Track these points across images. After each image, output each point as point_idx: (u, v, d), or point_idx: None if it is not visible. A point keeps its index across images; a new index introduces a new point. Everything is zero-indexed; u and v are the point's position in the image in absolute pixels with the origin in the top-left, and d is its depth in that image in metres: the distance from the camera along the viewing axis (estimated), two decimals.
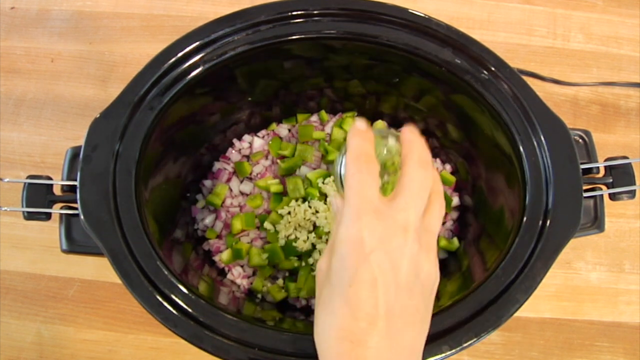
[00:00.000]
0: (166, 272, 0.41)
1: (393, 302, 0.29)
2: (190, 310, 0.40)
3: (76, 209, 0.42)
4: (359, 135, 0.33)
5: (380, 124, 0.61)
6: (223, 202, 0.58)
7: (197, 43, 0.48)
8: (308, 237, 0.56)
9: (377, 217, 0.30)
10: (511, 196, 0.47)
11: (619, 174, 0.46)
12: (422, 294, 0.31)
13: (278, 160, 0.60)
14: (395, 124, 0.61)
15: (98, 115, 0.45)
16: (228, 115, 0.58)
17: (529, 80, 0.48)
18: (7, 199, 0.62)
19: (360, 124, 0.34)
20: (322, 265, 0.32)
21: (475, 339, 0.39)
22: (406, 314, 0.30)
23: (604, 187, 0.46)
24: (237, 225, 0.57)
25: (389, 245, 0.30)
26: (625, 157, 0.47)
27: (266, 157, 0.61)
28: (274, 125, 0.62)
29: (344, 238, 0.30)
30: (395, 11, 0.49)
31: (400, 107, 0.59)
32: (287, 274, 0.56)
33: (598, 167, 0.47)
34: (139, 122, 0.45)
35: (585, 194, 0.44)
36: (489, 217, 0.53)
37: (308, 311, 0.55)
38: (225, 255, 0.56)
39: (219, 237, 0.58)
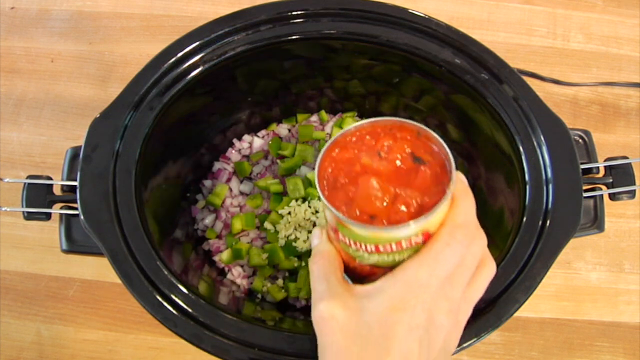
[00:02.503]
0: (166, 272, 0.41)
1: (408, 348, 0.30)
2: (190, 310, 0.40)
3: (76, 209, 0.42)
4: None
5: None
6: (223, 202, 0.58)
7: (197, 43, 0.48)
8: (308, 237, 0.56)
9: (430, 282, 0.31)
10: (511, 196, 0.47)
11: (619, 174, 0.46)
12: (438, 346, 0.31)
13: (278, 160, 0.60)
14: None
15: (98, 115, 0.45)
16: (228, 115, 0.58)
17: (529, 80, 0.48)
18: (7, 199, 0.62)
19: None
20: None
21: (475, 339, 0.39)
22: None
23: (604, 187, 0.46)
24: (237, 225, 0.57)
25: (426, 314, 0.31)
26: (625, 157, 0.47)
27: (266, 157, 0.61)
28: (274, 125, 0.62)
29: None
30: (395, 11, 0.49)
31: (400, 107, 0.59)
32: (287, 274, 0.56)
33: (598, 167, 0.47)
34: (139, 122, 0.45)
35: (585, 194, 0.44)
36: (488, 217, 0.53)
37: (308, 311, 0.55)
38: (225, 255, 0.56)
39: (219, 237, 0.58)
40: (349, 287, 0.32)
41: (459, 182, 0.33)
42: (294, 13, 0.49)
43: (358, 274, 0.34)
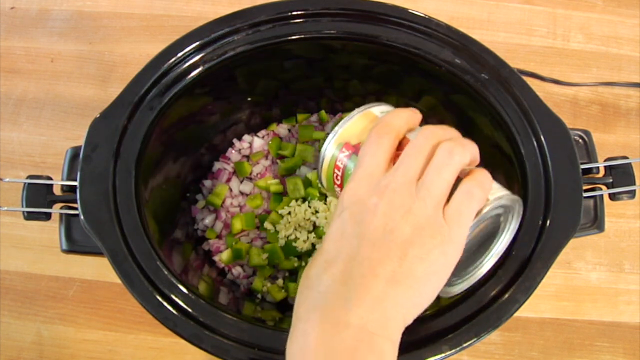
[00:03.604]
0: (166, 272, 0.41)
1: (357, 251, 0.30)
2: (190, 310, 0.40)
3: (76, 209, 0.42)
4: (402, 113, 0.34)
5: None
6: (223, 202, 0.58)
7: (197, 43, 0.48)
8: (308, 237, 0.56)
9: (365, 181, 0.31)
10: None
11: (619, 174, 0.46)
12: (394, 252, 0.30)
13: (278, 160, 0.60)
14: None
15: (98, 115, 0.45)
16: (228, 115, 0.58)
17: (529, 80, 0.48)
18: (7, 199, 0.62)
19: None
20: None
21: (475, 339, 0.39)
22: (369, 264, 0.30)
23: (604, 187, 0.46)
24: (237, 225, 0.57)
25: (363, 204, 0.31)
26: (625, 157, 0.47)
27: (266, 157, 0.61)
28: (274, 125, 0.62)
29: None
30: (395, 11, 0.49)
31: (399, 105, 0.59)
32: (287, 274, 0.56)
33: (598, 167, 0.47)
34: (139, 122, 0.45)
35: (585, 194, 0.44)
36: None
37: None
38: (225, 255, 0.56)
39: (218, 237, 0.58)
40: None
41: (393, 110, 0.35)
42: (294, 13, 0.49)
43: None
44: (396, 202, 0.30)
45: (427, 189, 0.30)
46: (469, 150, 0.32)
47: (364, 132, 0.35)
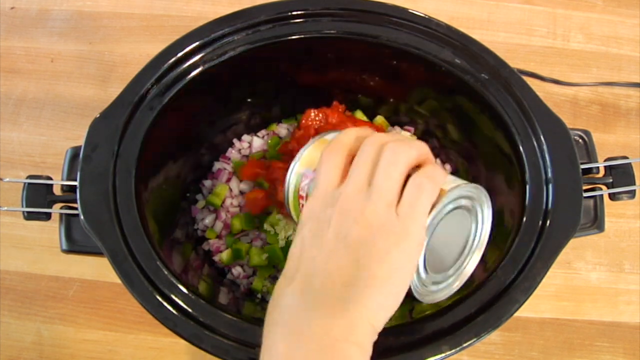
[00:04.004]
0: (166, 272, 0.41)
1: (314, 263, 0.30)
2: (190, 310, 0.40)
3: (76, 209, 0.42)
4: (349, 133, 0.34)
5: (380, 119, 0.61)
6: (223, 202, 0.58)
7: (197, 43, 0.48)
8: None
9: (321, 198, 0.32)
10: (511, 196, 0.47)
11: (619, 174, 0.46)
12: (350, 257, 0.30)
13: None
14: (395, 124, 0.61)
15: (98, 115, 0.45)
16: (228, 115, 0.58)
17: (529, 80, 0.48)
18: (7, 199, 0.62)
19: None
20: None
21: (475, 339, 0.39)
22: (325, 272, 0.30)
23: (604, 187, 0.46)
24: (237, 225, 0.57)
25: (318, 218, 0.31)
26: (625, 157, 0.47)
27: (265, 157, 0.61)
28: (274, 126, 0.62)
29: None
30: (395, 11, 0.49)
31: (400, 107, 0.59)
32: None
33: (598, 167, 0.47)
34: (139, 122, 0.45)
35: (585, 194, 0.44)
36: None
37: None
38: (225, 255, 0.56)
39: (218, 237, 0.58)
40: None
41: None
42: (294, 13, 0.49)
43: None
44: (348, 209, 0.30)
45: (377, 190, 0.30)
46: (415, 148, 0.32)
47: None
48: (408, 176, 0.31)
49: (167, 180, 0.52)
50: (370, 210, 0.30)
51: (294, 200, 0.37)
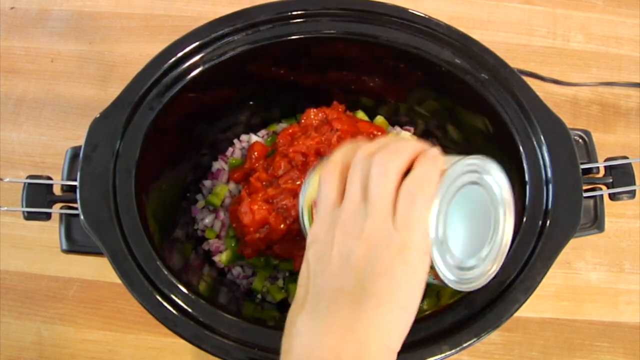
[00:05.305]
0: (166, 272, 0.41)
1: (320, 286, 0.30)
2: (190, 310, 0.40)
3: (76, 209, 0.42)
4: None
5: (380, 119, 0.61)
6: (222, 202, 0.58)
7: (197, 43, 0.48)
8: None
9: (323, 221, 0.32)
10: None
11: (619, 174, 0.46)
12: (354, 275, 0.29)
13: None
14: (395, 124, 0.61)
15: (98, 115, 0.45)
16: (228, 115, 0.58)
17: (529, 80, 0.48)
18: (7, 199, 0.62)
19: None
20: None
21: (475, 339, 0.39)
22: (331, 295, 0.29)
23: (604, 187, 0.46)
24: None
25: (322, 242, 0.31)
26: (625, 157, 0.47)
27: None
28: (274, 126, 0.62)
29: None
30: (395, 11, 0.49)
31: (400, 107, 0.59)
32: (287, 274, 0.56)
33: (598, 167, 0.47)
34: (139, 122, 0.45)
35: (585, 194, 0.44)
36: None
37: None
38: (225, 255, 0.56)
39: (218, 237, 0.58)
40: None
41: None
42: (294, 13, 0.49)
43: None
44: (348, 228, 0.30)
45: (373, 204, 0.29)
46: (404, 152, 0.31)
47: None
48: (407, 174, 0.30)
49: (167, 180, 0.52)
50: (370, 225, 0.29)
51: (309, 221, 0.36)
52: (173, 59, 0.47)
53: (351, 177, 0.31)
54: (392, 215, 0.29)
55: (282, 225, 0.50)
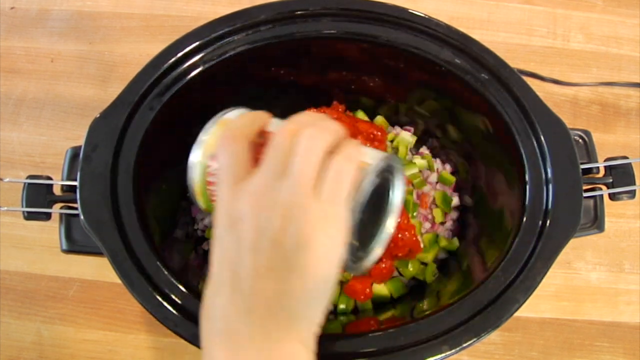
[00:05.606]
0: (166, 272, 0.41)
1: (238, 267, 0.29)
2: (190, 310, 0.40)
3: (76, 209, 0.42)
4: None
5: (380, 119, 0.61)
6: None
7: (197, 43, 0.48)
8: None
9: (229, 193, 0.30)
10: (511, 196, 0.47)
11: (619, 174, 0.46)
12: (274, 249, 0.28)
13: None
14: (395, 124, 0.61)
15: (98, 115, 0.45)
16: None
17: (529, 80, 0.48)
18: (7, 199, 0.62)
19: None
20: None
21: (475, 339, 0.39)
22: (252, 270, 0.29)
23: (604, 187, 0.46)
24: None
25: (232, 216, 0.30)
26: (625, 157, 0.47)
27: None
28: None
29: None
30: (395, 11, 0.49)
31: (400, 107, 0.59)
32: None
33: (598, 167, 0.47)
34: (139, 122, 0.45)
35: (585, 194, 0.44)
36: (489, 217, 0.53)
37: None
38: None
39: None
40: None
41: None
42: (294, 13, 0.49)
43: None
44: (263, 202, 0.29)
45: (294, 177, 0.29)
46: (330, 132, 0.31)
47: None
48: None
49: (167, 180, 0.52)
50: (288, 197, 0.28)
51: (202, 187, 0.35)
52: (173, 59, 0.47)
53: (271, 150, 0.30)
54: (314, 189, 0.29)
55: None
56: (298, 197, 0.28)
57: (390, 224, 0.36)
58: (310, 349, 0.29)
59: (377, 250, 0.35)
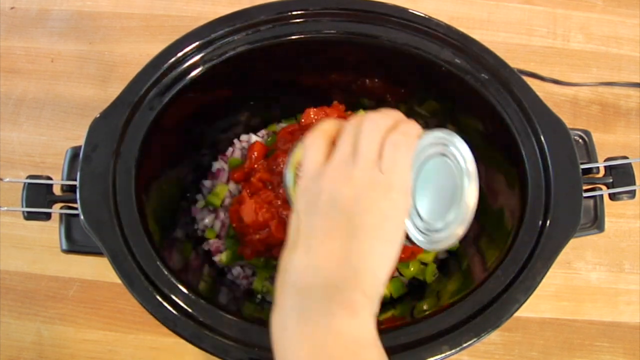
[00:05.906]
0: (166, 272, 0.41)
1: (311, 227, 0.32)
2: (190, 310, 0.40)
3: (76, 209, 0.42)
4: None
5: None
6: (222, 202, 0.58)
7: (197, 43, 0.48)
8: None
9: (310, 175, 0.34)
10: (511, 196, 0.47)
11: (619, 174, 0.46)
12: (343, 214, 0.32)
13: None
14: None
15: (98, 115, 0.45)
16: (228, 115, 0.58)
17: (529, 80, 0.48)
18: (7, 199, 0.62)
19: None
20: None
21: (475, 339, 0.39)
22: (322, 232, 0.32)
23: (604, 187, 0.46)
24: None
25: (310, 191, 0.33)
26: (625, 157, 0.47)
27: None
28: (273, 126, 0.62)
29: None
30: (395, 11, 0.49)
31: (400, 107, 0.59)
32: None
33: (598, 167, 0.47)
34: (139, 122, 0.45)
35: (585, 194, 0.44)
36: (489, 217, 0.53)
37: None
38: (225, 255, 0.56)
39: (218, 237, 0.58)
40: None
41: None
42: (294, 13, 0.49)
43: None
44: (336, 176, 0.33)
45: (361, 155, 0.33)
46: (390, 116, 0.35)
47: None
48: None
49: (167, 180, 0.52)
50: (357, 172, 0.32)
51: (294, 190, 0.38)
52: (173, 59, 0.47)
53: (342, 136, 0.34)
54: (378, 162, 0.33)
55: (282, 235, 0.50)
56: (364, 170, 0.32)
57: (470, 196, 0.37)
58: (373, 302, 0.31)
59: (458, 227, 0.36)
